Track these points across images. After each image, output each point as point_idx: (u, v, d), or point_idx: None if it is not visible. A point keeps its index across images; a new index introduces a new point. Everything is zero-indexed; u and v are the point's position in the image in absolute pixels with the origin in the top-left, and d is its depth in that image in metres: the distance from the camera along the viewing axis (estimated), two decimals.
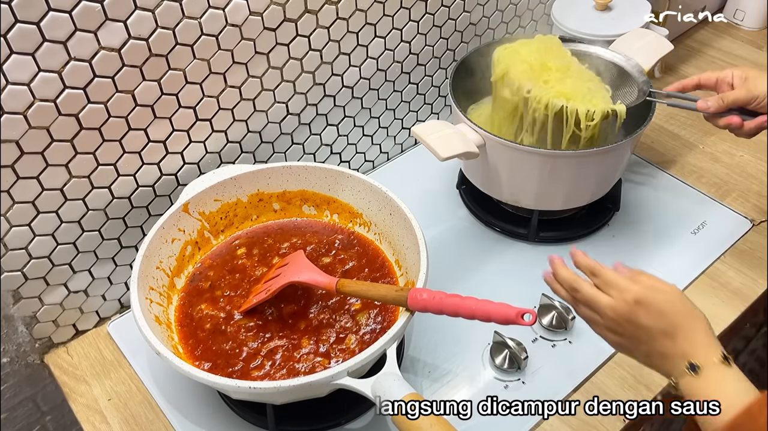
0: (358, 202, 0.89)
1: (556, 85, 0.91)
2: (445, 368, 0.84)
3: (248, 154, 0.95)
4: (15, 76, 0.68)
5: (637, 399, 0.81)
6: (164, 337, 0.74)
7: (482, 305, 0.67)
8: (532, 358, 0.84)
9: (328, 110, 1.00)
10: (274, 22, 0.85)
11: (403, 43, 1.03)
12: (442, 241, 1.00)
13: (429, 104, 1.16)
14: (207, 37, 0.80)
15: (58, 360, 0.88)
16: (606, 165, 0.92)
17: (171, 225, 0.83)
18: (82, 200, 0.81)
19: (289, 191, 0.91)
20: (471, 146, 0.89)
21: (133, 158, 0.82)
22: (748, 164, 1.12)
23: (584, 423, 0.79)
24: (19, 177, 0.74)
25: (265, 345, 0.77)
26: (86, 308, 0.89)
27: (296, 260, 0.81)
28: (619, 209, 1.03)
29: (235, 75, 0.86)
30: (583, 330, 0.87)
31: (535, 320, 0.66)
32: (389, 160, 1.16)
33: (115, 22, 0.72)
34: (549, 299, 0.87)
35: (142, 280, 0.77)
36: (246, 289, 0.84)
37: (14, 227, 0.77)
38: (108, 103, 0.76)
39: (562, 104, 0.88)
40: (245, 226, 0.92)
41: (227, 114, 0.88)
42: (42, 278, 0.82)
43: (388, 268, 0.86)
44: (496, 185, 0.95)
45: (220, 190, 0.87)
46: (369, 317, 0.79)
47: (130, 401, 0.83)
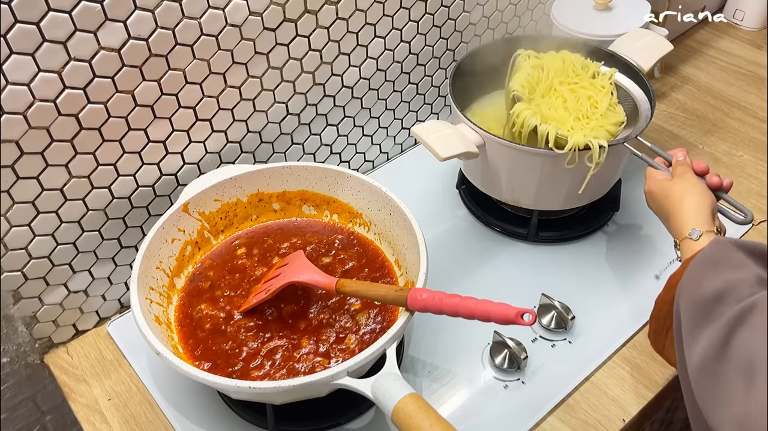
0: (358, 202, 0.89)
1: (542, 104, 0.92)
2: (445, 368, 0.84)
3: (248, 154, 0.95)
4: (15, 76, 0.68)
5: (637, 398, 0.81)
6: (164, 337, 0.74)
7: (482, 305, 0.67)
8: (532, 358, 0.84)
9: (328, 110, 1.00)
10: (273, 22, 0.85)
11: (402, 43, 1.03)
12: (442, 241, 1.00)
13: (429, 104, 1.16)
14: (207, 38, 0.80)
15: (58, 360, 0.88)
16: (606, 165, 0.92)
17: (171, 225, 0.83)
18: (82, 200, 0.81)
19: (289, 191, 0.91)
20: (471, 146, 0.89)
21: (133, 158, 0.82)
22: (748, 164, 1.12)
23: (584, 423, 0.79)
24: (19, 177, 0.74)
25: (265, 344, 0.77)
26: (86, 308, 0.89)
27: (296, 260, 0.81)
28: (619, 209, 1.03)
29: (235, 75, 0.86)
30: (583, 329, 0.88)
31: (534, 320, 0.66)
32: (389, 160, 1.16)
33: (115, 23, 0.72)
34: (549, 299, 0.87)
35: (142, 280, 0.77)
36: (246, 289, 0.84)
37: (14, 227, 0.77)
38: (108, 104, 0.76)
39: (536, 125, 0.88)
40: (245, 226, 0.92)
41: (227, 114, 0.88)
42: (42, 278, 0.82)
43: (388, 268, 0.86)
44: (495, 185, 0.95)
45: (220, 190, 0.87)
46: (369, 317, 0.79)
47: (130, 401, 0.83)
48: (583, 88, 0.94)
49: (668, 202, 0.77)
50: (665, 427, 1.04)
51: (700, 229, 0.71)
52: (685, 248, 0.71)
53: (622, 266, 0.96)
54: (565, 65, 0.97)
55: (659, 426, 1.00)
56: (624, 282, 0.94)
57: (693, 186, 0.76)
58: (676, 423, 1.06)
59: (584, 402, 0.81)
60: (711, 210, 0.74)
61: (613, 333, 0.87)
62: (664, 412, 0.97)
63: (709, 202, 0.74)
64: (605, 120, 0.91)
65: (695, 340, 0.59)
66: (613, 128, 0.91)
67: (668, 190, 0.77)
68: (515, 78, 0.95)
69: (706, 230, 0.71)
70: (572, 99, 0.93)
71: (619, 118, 0.93)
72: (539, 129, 0.88)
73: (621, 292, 0.93)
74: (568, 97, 0.93)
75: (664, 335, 0.71)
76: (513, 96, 0.94)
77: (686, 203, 0.74)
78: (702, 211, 0.73)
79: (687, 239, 0.71)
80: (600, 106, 0.93)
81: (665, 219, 0.78)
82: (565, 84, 0.95)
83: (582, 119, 0.91)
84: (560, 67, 0.96)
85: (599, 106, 0.93)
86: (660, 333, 0.72)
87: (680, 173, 0.78)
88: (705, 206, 0.73)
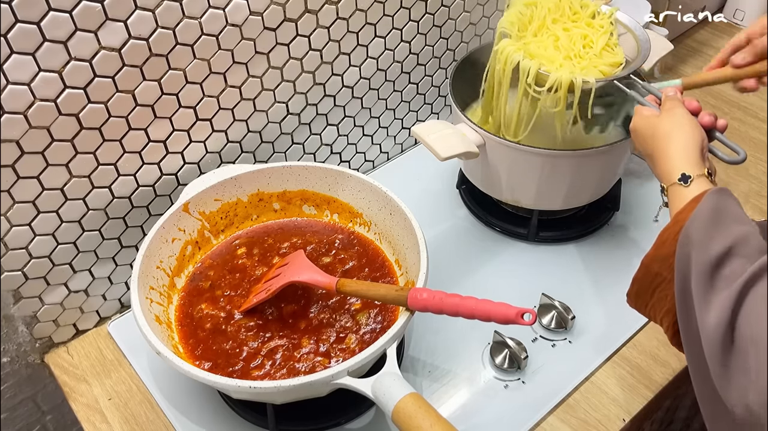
0: (358, 202, 0.89)
1: (530, 43, 0.86)
2: (445, 368, 0.84)
3: (248, 154, 0.95)
4: (15, 76, 0.68)
5: (637, 398, 0.81)
6: (164, 337, 0.74)
7: (482, 305, 0.67)
8: (532, 358, 0.84)
9: (328, 109, 1.00)
10: (274, 22, 0.85)
11: (403, 43, 1.03)
12: (442, 241, 1.00)
13: (429, 104, 1.16)
14: (207, 37, 0.80)
15: (58, 359, 0.88)
16: (606, 165, 0.92)
17: (171, 225, 0.83)
18: (82, 200, 0.81)
19: (290, 191, 0.91)
20: (471, 145, 0.89)
21: (134, 158, 0.82)
22: (748, 164, 1.12)
23: (584, 423, 0.79)
24: (19, 177, 0.74)
25: (266, 344, 0.77)
26: (86, 307, 0.89)
27: (296, 260, 0.81)
28: (619, 209, 1.03)
29: (236, 75, 0.86)
30: (583, 329, 0.88)
31: (535, 320, 0.66)
32: (389, 160, 1.16)
33: (116, 22, 0.72)
34: (549, 299, 0.87)
35: (142, 280, 0.77)
36: (246, 289, 0.84)
37: (14, 226, 0.77)
38: (108, 103, 0.76)
39: (519, 60, 0.82)
40: (245, 226, 0.92)
41: (227, 114, 0.89)
42: (42, 278, 0.82)
43: (388, 268, 0.86)
44: (496, 184, 0.95)
45: (220, 190, 0.87)
46: (369, 317, 0.79)
47: (131, 401, 0.83)
48: (577, 27, 0.89)
49: (654, 140, 0.70)
50: (665, 427, 1.04)
51: (690, 173, 0.64)
52: (675, 195, 0.65)
53: (622, 266, 0.96)
54: (561, 3, 0.90)
55: (659, 426, 1.00)
56: (624, 282, 0.93)
57: (682, 122, 0.69)
58: (677, 422, 1.06)
59: (584, 401, 0.81)
60: (701, 149, 0.67)
61: (614, 333, 0.87)
62: (664, 412, 0.97)
63: (699, 140, 0.67)
64: (599, 60, 0.86)
65: (708, 307, 0.55)
66: (608, 69, 0.85)
67: (655, 127, 0.70)
68: (505, 15, 0.90)
69: (697, 173, 0.64)
70: (565, 38, 0.87)
71: (617, 59, 0.87)
72: (521, 65, 0.82)
73: (621, 292, 0.92)
74: (561, 36, 0.87)
75: (649, 294, 0.67)
76: (500, 33, 0.88)
77: (674, 141, 0.67)
78: (690, 150, 0.66)
79: (676, 185, 0.65)
80: (595, 46, 0.87)
81: (650, 160, 0.71)
82: (559, 23, 0.89)
83: (573, 59, 0.85)
84: (555, 5, 0.90)
85: (594, 45, 0.87)
86: (644, 293, 0.67)
87: (668, 107, 0.71)
88: (694, 145, 0.66)
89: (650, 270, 0.65)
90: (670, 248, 0.62)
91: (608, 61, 0.87)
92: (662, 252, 0.63)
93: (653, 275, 0.65)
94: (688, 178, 0.64)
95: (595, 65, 0.86)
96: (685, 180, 0.64)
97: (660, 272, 0.64)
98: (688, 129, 0.68)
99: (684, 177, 0.65)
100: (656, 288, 0.65)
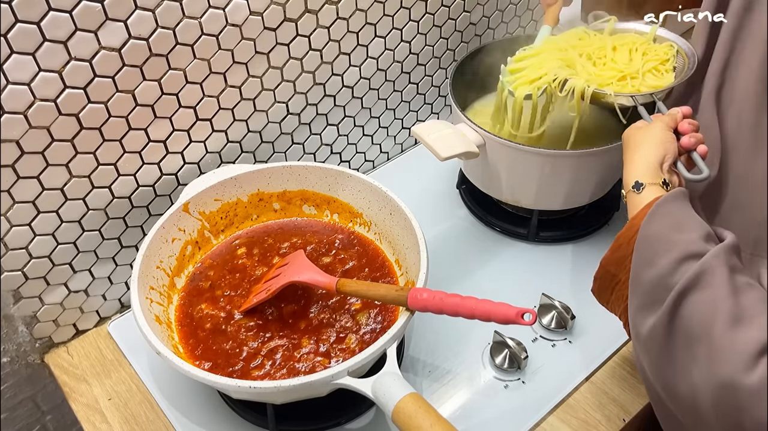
0: (358, 202, 0.89)
1: (581, 72, 0.87)
2: (445, 368, 0.84)
3: (248, 154, 0.95)
4: (15, 75, 0.68)
5: (637, 398, 0.81)
6: (164, 337, 0.74)
7: (482, 305, 0.67)
8: (532, 358, 0.84)
9: (328, 109, 1.00)
10: (274, 22, 0.85)
11: (403, 43, 1.03)
12: (442, 241, 1.00)
13: (429, 104, 1.16)
14: (207, 37, 0.80)
15: (58, 359, 0.88)
16: (606, 165, 0.92)
17: (171, 225, 0.83)
18: (82, 200, 0.81)
19: (290, 191, 0.91)
20: (471, 145, 0.89)
21: (134, 158, 0.82)
22: None
23: (584, 423, 0.79)
24: (19, 177, 0.74)
25: (266, 344, 0.77)
26: (86, 307, 0.89)
27: (296, 260, 0.81)
28: (619, 209, 1.03)
29: (236, 75, 0.86)
30: (584, 329, 0.88)
31: (535, 320, 0.66)
32: (389, 160, 1.16)
33: (116, 22, 0.72)
34: (549, 299, 0.87)
35: (142, 280, 0.77)
36: (246, 289, 0.84)
37: (14, 226, 0.77)
38: (108, 103, 0.76)
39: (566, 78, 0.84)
40: (245, 226, 0.92)
41: (227, 114, 0.89)
42: (42, 278, 0.82)
43: (388, 268, 0.86)
44: (496, 184, 0.95)
45: (220, 190, 0.87)
46: (369, 317, 0.79)
47: (131, 401, 0.83)
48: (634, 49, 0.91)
49: (626, 149, 0.73)
50: None
51: (643, 181, 0.68)
52: (630, 201, 0.69)
53: None
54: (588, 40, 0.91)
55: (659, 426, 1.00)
56: None
57: (652, 135, 0.71)
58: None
59: (584, 401, 0.81)
60: (660, 162, 0.69)
61: (614, 333, 0.87)
62: None
63: (662, 153, 0.70)
64: (642, 81, 0.86)
65: (644, 320, 0.60)
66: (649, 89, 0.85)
67: (630, 137, 0.73)
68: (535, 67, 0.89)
69: (649, 182, 0.67)
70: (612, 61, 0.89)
71: (660, 83, 0.86)
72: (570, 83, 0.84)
73: None
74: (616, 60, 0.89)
75: (609, 293, 0.70)
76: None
77: (638, 151, 0.71)
78: (650, 161, 0.69)
79: (631, 192, 0.68)
80: (642, 66, 0.88)
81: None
82: (593, 58, 0.90)
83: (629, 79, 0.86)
84: (582, 43, 0.91)
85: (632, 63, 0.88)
86: (604, 291, 0.71)
87: (652, 122, 0.74)
88: (655, 157, 0.69)
89: (608, 271, 0.69)
90: (625, 251, 0.66)
91: (652, 84, 0.87)
92: (617, 255, 0.67)
93: (611, 275, 0.69)
94: (641, 185, 0.68)
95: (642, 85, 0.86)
96: (638, 187, 0.68)
97: (616, 274, 0.68)
98: (656, 142, 0.71)
99: (637, 185, 0.68)
100: (614, 288, 0.69)
